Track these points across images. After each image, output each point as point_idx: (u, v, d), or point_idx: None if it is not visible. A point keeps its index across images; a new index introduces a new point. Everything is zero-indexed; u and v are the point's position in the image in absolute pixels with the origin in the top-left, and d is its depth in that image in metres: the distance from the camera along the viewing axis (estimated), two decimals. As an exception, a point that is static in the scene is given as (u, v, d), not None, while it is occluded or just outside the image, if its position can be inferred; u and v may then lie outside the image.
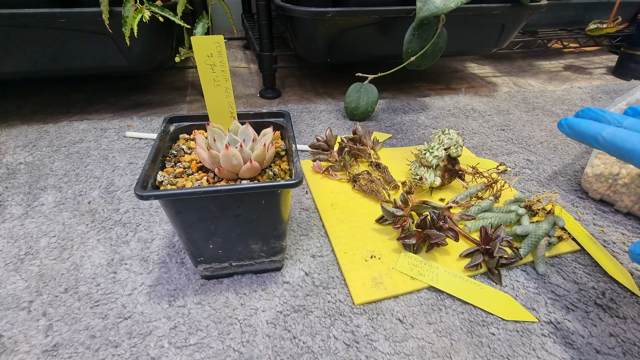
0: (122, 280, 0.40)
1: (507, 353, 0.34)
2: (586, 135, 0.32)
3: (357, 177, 0.54)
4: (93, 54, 0.68)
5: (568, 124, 0.34)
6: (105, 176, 0.57)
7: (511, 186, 0.56)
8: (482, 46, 0.90)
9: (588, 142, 0.33)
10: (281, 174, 0.38)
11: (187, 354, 0.34)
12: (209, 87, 0.38)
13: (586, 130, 0.32)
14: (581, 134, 0.33)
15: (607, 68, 1.15)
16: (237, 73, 1.05)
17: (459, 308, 0.38)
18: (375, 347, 0.34)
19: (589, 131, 0.32)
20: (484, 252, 0.42)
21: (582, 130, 0.33)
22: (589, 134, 0.32)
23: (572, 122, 0.34)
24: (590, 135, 0.32)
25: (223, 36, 0.36)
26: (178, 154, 0.40)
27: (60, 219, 0.49)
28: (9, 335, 0.35)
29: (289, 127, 0.42)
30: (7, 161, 0.60)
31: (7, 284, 0.40)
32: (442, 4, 0.63)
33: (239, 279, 0.41)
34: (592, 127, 0.32)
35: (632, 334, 0.36)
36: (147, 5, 0.63)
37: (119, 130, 0.70)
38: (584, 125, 0.33)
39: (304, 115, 0.78)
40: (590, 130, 0.32)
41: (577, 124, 0.33)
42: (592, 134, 0.32)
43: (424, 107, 0.84)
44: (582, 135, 0.33)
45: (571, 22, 1.18)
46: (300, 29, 0.76)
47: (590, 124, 0.32)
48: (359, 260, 0.43)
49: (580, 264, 0.44)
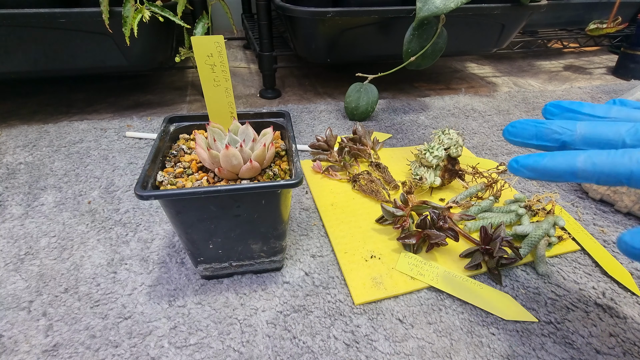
0: (122, 280, 0.40)
1: (507, 353, 0.34)
2: (558, 174, 0.23)
3: (357, 177, 0.54)
4: (93, 54, 0.68)
5: (525, 166, 0.24)
6: (105, 176, 0.57)
7: (511, 186, 0.56)
8: (482, 46, 0.90)
9: (564, 180, 0.23)
10: (281, 174, 0.38)
11: (187, 354, 0.34)
12: (209, 87, 0.38)
13: (555, 168, 0.23)
14: (550, 175, 0.24)
15: (607, 68, 1.15)
16: (237, 73, 1.05)
17: (459, 308, 0.38)
18: (375, 347, 0.34)
19: (559, 168, 0.23)
20: (484, 252, 0.42)
21: (548, 171, 0.23)
22: (560, 171, 0.23)
23: (528, 162, 0.24)
24: (563, 173, 0.23)
25: (223, 36, 0.36)
26: (178, 154, 0.40)
27: (60, 219, 0.49)
28: (9, 335, 0.35)
29: (289, 127, 0.42)
30: (7, 161, 0.60)
31: (7, 284, 0.40)
32: (442, 4, 0.63)
33: (239, 279, 0.41)
34: (561, 161, 0.23)
35: (632, 334, 0.36)
36: (147, 5, 0.63)
37: (119, 130, 0.70)
38: (548, 164, 0.23)
39: (304, 115, 0.78)
40: (560, 165, 0.23)
41: (541, 165, 0.24)
42: (565, 169, 0.23)
43: (424, 107, 0.84)
44: (552, 177, 0.24)
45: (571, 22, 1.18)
46: (300, 29, 0.76)
47: (555, 159, 0.23)
48: (359, 260, 0.43)
49: (580, 264, 0.44)
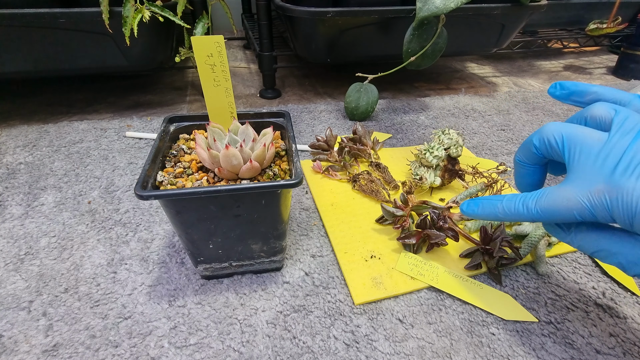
0: (122, 280, 0.40)
1: (507, 353, 0.34)
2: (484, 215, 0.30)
3: (357, 177, 0.54)
4: (93, 54, 0.68)
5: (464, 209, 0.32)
6: (105, 176, 0.57)
7: (511, 186, 0.56)
8: (482, 46, 0.90)
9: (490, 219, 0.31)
10: (281, 174, 0.38)
11: (187, 354, 0.34)
12: (209, 87, 0.38)
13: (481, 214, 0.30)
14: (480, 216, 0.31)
15: (607, 68, 1.15)
16: (237, 73, 1.05)
17: (459, 308, 0.38)
18: (375, 347, 0.34)
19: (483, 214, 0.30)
20: (484, 252, 0.42)
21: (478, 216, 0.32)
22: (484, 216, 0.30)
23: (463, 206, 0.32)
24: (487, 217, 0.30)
25: (223, 36, 0.36)
26: (178, 154, 0.40)
27: (60, 219, 0.49)
28: (9, 335, 0.35)
29: (289, 127, 0.42)
30: (7, 161, 0.60)
31: (7, 284, 0.40)
32: (442, 4, 0.63)
33: (239, 279, 0.41)
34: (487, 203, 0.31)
35: (632, 334, 0.36)
36: (147, 5, 0.63)
37: (119, 130, 0.70)
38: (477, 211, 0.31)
39: (304, 115, 0.78)
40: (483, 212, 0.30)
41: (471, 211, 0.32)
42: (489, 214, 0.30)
43: (424, 107, 0.84)
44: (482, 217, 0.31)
45: (571, 22, 1.18)
46: (300, 29, 0.76)
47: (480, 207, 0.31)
48: (359, 260, 0.43)
49: (580, 264, 0.44)
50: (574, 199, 0.24)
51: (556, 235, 0.29)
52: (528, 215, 0.27)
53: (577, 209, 0.24)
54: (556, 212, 0.25)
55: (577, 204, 0.24)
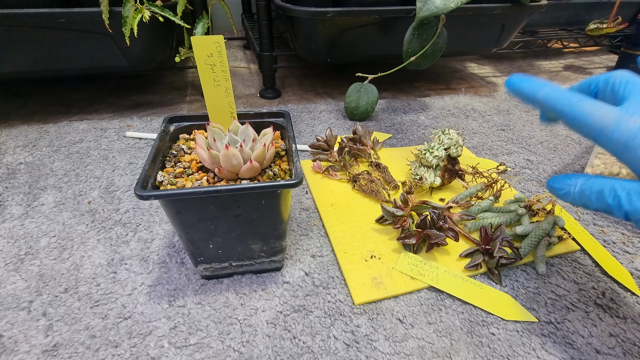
0: (122, 280, 0.40)
1: (507, 353, 0.34)
2: (525, 94, 0.32)
3: (357, 177, 0.54)
4: (93, 54, 0.68)
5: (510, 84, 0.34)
6: (105, 176, 0.57)
7: (511, 186, 0.56)
8: (482, 46, 0.90)
9: (527, 101, 0.32)
10: (281, 174, 0.38)
11: (187, 354, 0.34)
12: (209, 87, 0.38)
13: (525, 88, 0.32)
14: (521, 93, 0.32)
15: (607, 68, 1.15)
16: (237, 73, 1.05)
17: (459, 308, 0.38)
18: (375, 347, 0.34)
19: (528, 90, 0.32)
20: (484, 252, 0.42)
21: (521, 90, 0.32)
22: (527, 92, 0.32)
23: (513, 81, 0.33)
24: (528, 95, 0.32)
25: (223, 36, 0.36)
26: (178, 154, 0.40)
27: (60, 219, 0.49)
28: (9, 335, 0.35)
29: (289, 127, 0.42)
30: (7, 161, 0.60)
31: (7, 284, 0.40)
32: (442, 4, 0.63)
33: (239, 279, 0.41)
34: (532, 86, 0.32)
35: (632, 334, 0.36)
36: (147, 5, 0.63)
37: (119, 130, 0.70)
38: (525, 84, 0.32)
39: (304, 115, 0.78)
40: (529, 88, 0.32)
41: (518, 83, 0.33)
42: (530, 93, 0.31)
43: (424, 107, 0.84)
44: (522, 95, 0.32)
45: (571, 22, 1.18)
46: (300, 29, 0.76)
47: (532, 82, 0.32)
48: (359, 260, 0.43)
49: (580, 264, 0.44)
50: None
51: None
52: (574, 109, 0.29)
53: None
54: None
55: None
